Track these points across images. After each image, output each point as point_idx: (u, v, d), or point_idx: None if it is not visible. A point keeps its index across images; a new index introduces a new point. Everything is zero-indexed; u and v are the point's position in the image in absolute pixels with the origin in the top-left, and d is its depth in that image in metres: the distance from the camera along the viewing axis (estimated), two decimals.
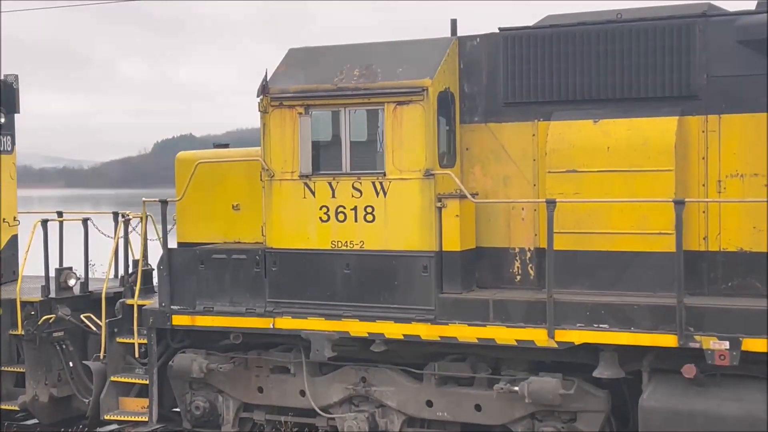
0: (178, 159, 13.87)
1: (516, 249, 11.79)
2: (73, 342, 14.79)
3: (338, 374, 12.47)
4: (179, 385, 13.40)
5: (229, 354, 13.06)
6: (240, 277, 12.49)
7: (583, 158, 11.12)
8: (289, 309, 12.18)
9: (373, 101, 11.68)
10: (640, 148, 10.87)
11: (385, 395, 12.20)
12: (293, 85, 12.07)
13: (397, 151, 11.56)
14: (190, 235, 13.65)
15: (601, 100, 11.23)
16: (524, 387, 11.18)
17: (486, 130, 11.86)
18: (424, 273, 11.49)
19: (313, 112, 12.01)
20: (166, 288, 12.87)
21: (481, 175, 11.90)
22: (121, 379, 13.63)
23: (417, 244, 11.52)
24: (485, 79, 11.83)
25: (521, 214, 11.74)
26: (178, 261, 12.86)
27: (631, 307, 10.58)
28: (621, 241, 10.99)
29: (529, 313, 11.05)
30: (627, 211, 10.91)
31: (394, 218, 11.60)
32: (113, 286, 15.45)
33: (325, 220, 11.95)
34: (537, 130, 11.59)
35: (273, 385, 12.83)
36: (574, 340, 10.83)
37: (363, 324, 11.81)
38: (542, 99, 11.51)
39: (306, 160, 11.96)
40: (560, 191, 11.17)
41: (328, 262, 11.96)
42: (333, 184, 11.89)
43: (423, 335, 11.56)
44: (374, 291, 11.74)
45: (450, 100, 11.79)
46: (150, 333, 13.13)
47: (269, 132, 12.19)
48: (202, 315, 12.71)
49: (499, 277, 11.87)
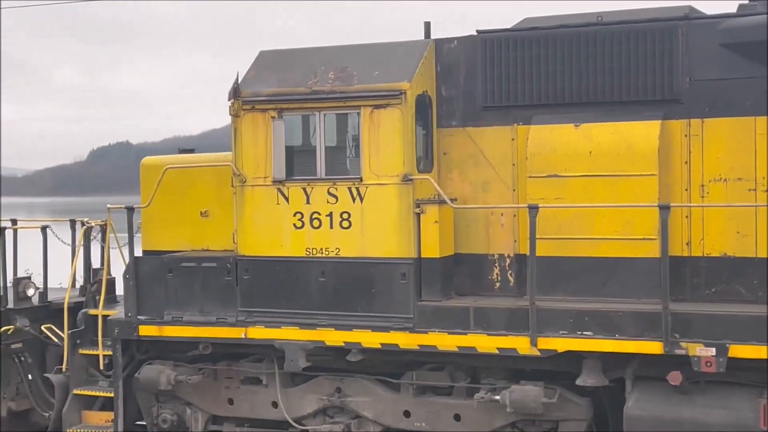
0: (144, 165, 13.48)
1: (495, 255, 11.59)
2: (31, 354, 14.32)
3: (312, 385, 12.16)
4: (145, 398, 13.01)
5: (197, 365, 12.70)
6: (210, 286, 12.14)
7: (564, 163, 10.95)
8: (262, 318, 11.86)
9: (349, 105, 11.42)
10: (624, 152, 10.73)
11: (361, 406, 11.92)
12: (266, 88, 11.77)
13: (374, 155, 11.30)
14: (156, 243, 13.25)
15: (582, 103, 11.07)
16: (506, 396, 10.97)
17: (464, 134, 11.65)
18: (402, 280, 11.24)
19: (287, 116, 11.71)
20: (133, 297, 12.47)
21: (459, 180, 11.69)
22: (85, 392, 13.19)
23: (395, 251, 11.27)
24: (463, 82, 11.62)
25: (500, 220, 11.54)
26: (145, 269, 12.47)
27: (616, 314, 10.42)
28: (604, 247, 10.82)
29: (511, 321, 10.84)
30: (610, 216, 10.76)
31: (371, 224, 11.34)
32: (73, 296, 15.03)
33: (299, 226, 11.65)
34: (517, 135, 11.40)
35: (244, 396, 12.49)
36: (557, 348, 10.65)
37: (339, 333, 11.53)
38: (522, 103, 11.32)
39: (279, 166, 11.65)
40: (541, 196, 10.99)
41: (302, 269, 11.66)
42: (307, 190, 11.60)
43: (401, 344, 11.30)
44: (351, 299, 11.46)
45: (427, 104, 11.57)
46: (115, 344, 12.72)
47: (241, 137, 11.87)
48: (170, 325, 12.33)
49: (478, 284, 11.65)
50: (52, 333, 13.91)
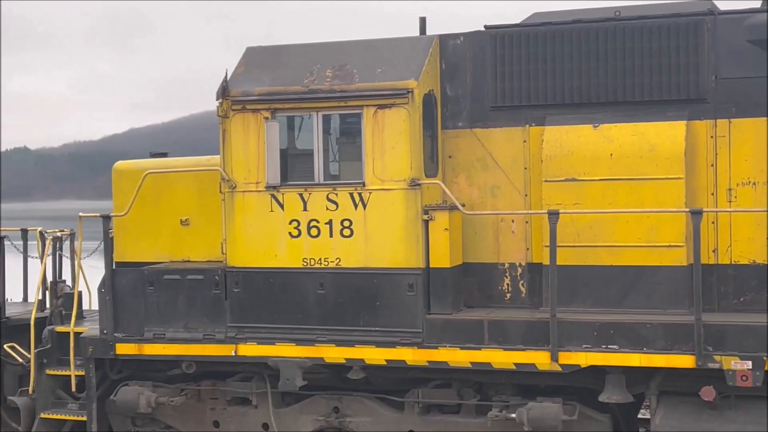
0: (116, 170, 12.52)
1: (506, 264, 10.92)
2: None
3: (307, 404, 11.35)
4: (120, 422, 12.06)
5: (178, 385, 11.79)
6: (196, 300, 11.26)
7: (583, 166, 10.33)
8: (254, 334, 11.02)
9: (350, 104, 10.65)
10: (647, 154, 10.14)
11: (361, 426, 11.15)
12: (257, 87, 10.94)
13: (378, 159, 10.55)
14: (130, 254, 12.31)
15: (600, 103, 10.47)
16: (523, 414, 10.31)
17: (471, 136, 10.97)
18: (409, 292, 10.51)
19: (281, 116, 10.91)
20: (109, 313, 11.54)
21: (466, 185, 11.00)
22: (53, 415, 12.19)
23: (401, 261, 10.53)
24: (470, 80, 10.94)
25: (511, 227, 10.88)
26: (123, 283, 11.54)
27: (644, 326, 9.82)
28: (627, 255, 10.22)
29: (529, 334, 10.18)
30: (633, 222, 10.16)
31: (375, 233, 10.58)
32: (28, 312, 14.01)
33: (295, 235, 10.84)
34: (529, 136, 10.76)
35: (231, 418, 11.62)
36: (580, 363, 10.01)
37: (340, 349, 10.75)
38: (535, 102, 10.69)
39: (273, 170, 10.84)
40: (558, 202, 10.35)
41: (299, 281, 10.85)
42: (305, 196, 10.79)
43: (409, 360, 10.56)
44: (352, 313, 10.69)
45: (433, 104, 10.86)
46: (88, 364, 11.75)
47: (230, 139, 11.02)
48: (151, 343, 11.42)
49: (487, 296, 10.98)
50: (15, 352, 12.84)
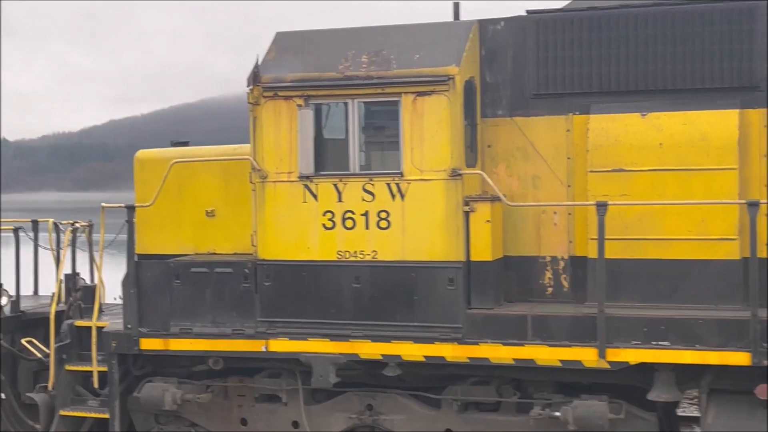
0: (138, 159, 12.11)
1: (547, 258, 10.55)
2: (3, 371, 12.81)
3: (339, 402, 10.97)
4: (143, 419, 11.67)
5: (204, 382, 11.40)
6: (225, 294, 10.86)
7: (630, 156, 9.96)
8: (286, 329, 10.63)
9: (388, 91, 10.26)
10: (698, 144, 9.78)
11: (396, 424, 10.78)
12: (290, 73, 10.54)
13: (416, 148, 10.17)
14: (153, 246, 11.89)
15: (648, 91, 10.11)
16: (568, 412, 9.96)
17: (512, 124, 10.60)
18: (449, 286, 10.13)
19: (315, 104, 10.51)
20: (134, 307, 11.13)
21: (506, 175, 10.63)
22: (73, 413, 11.78)
23: (441, 254, 10.15)
24: (511, 67, 10.57)
25: (553, 219, 10.51)
26: (148, 276, 11.13)
27: (696, 322, 9.47)
28: (676, 248, 9.86)
29: (575, 330, 9.82)
30: (683, 214, 9.80)
31: (413, 224, 10.20)
32: (43, 305, 13.60)
33: (329, 227, 10.46)
34: (572, 125, 10.38)
35: (259, 416, 11.24)
36: (629, 360, 9.66)
37: (376, 345, 10.37)
38: (579, 90, 10.32)
39: (307, 159, 10.44)
40: (604, 193, 9.98)
41: (333, 275, 10.47)
42: (339, 187, 10.41)
43: (448, 356, 10.19)
44: (389, 307, 10.31)
45: (473, 91, 10.48)
46: (111, 359, 11.34)
47: (261, 127, 10.63)
48: (177, 338, 11.02)
49: (527, 290, 10.61)
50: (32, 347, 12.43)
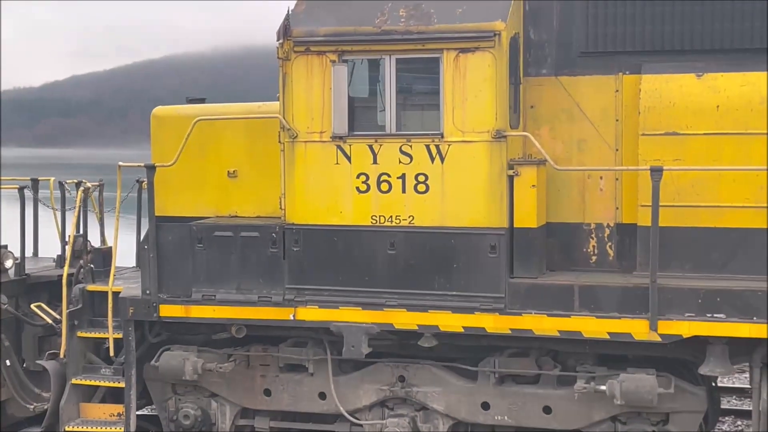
0: (156, 116, 11.48)
1: (592, 225, 10.08)
2: (6, 336, 12.24)
3: (370, 372, 10.50)
4: (159, 389, 11.16)
5: (226, 350, 10.89)
6: (251, 259, 10.32)
7: (686, 119, 9.47)
8: (316, 297, 10.13)
9: (428, 47, 9.70)
10: (758, 107, 9.30)
11: (430, 397, 10.33)
12: (322, 27, 9.95)
13: (458, 108, 9.63)
14: (171, 208, 11.31)
15: (704, 50, 9.62)
16: (615, 386, 9.52)
17: (556, 84, 10.07)
18: (491, 254, 9.64)
19: (350, 59, 9.94)
20: (153, 272, 10.57)
21: (550, 137, 10.11)
22: (86, 381, 11.23)
23: (483, 220, 9.65)
24: (556, 24, 10.03)
25: (599, 184, 10.03)
26: (169, 239, 10.57)
27: (754, 294, 9.04)
28: (732, 217, 9.41)
29: (625, 301, 9.37)
30: (740, 181, 9.34)
31: (453, 188, 9.69)
32: (48, 268, 13.06)
33: (363, 190, 9.92)
34: (622, 85, 9.88)
35: (284, 386, 10.74)
36: (682, 333, 9.22)
37: (411, 314, 9.88)
38: (630, 48, 9.81)
39: (341, 119, 9.88)
40: (657, 157, 9.49)
41: (367, 240, 9.95)
42: (375, 148, 9.86)
43: (489, 327, 9.72)
44: (426, 275, 9.81)
45: (517, 49, 9.94)
46: (128, 326, 10.81)
47: (291, 84, 10.05)
48: (199, 305, 10.49)
49: (570, 258, 10.15)
50: (42, 312, 11.87)
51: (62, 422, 11.13)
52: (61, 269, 11.98)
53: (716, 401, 10.49)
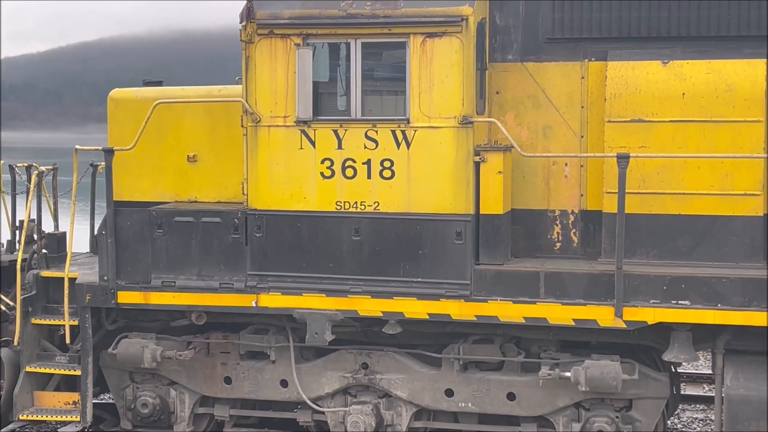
0: (113, 98, 11.26)
1: (556, 212, 10.07)
2: None
3: (332, 360, 10.40)
4: (117, 377, 10.98)
5: (185, 338, 10.73)
6: (212, 245, 10.17)
7: (651, 106, 9.49)
8: (278, 283, 10.00)
9: (394, 32, 9.60)
10: (723, 95, 9.35)
11: (393, 384, 10.26)
12: (287, 9, 9.81)
13: (425, 93, 9.55)
14: (128, 193, 11.12)
15: (670, 37, 9.63)
16: (579, 373, 9.53)
17: (522, 70, 10.03)
18: (457, 240, 9.59)
19: (315, 43, 9.81)
20: (111, 258, 10.37)
21: (515, 124, 10.08)
22: (41, 369, 11.00)
23: (449, 206, 9.59)
24: (523, 9, 9.99)
25: (564, 171, 10.02)
26: (127, 225, 10.37)
27: (720, 281, 9.09)
28: (697, 204, 9.46)
29: (591, 288, 9.37)
30: (705, 168, 9.39)
31: (419, 175, 9.61)
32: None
33: (328, 176, 9.81)
34: (587, 72, 9.87)
35: (246, 374, 10.61)
36: (647, 320, 9.25)
37: (376, 301, 9.80)
38: (596, 35, 9.80)
39: (305, 103, 9.75)
40: (622, 144, 9.51)
41: (331, 227, 9.84)
42: (339, 133, 9.76)
43: (454, 314, 9.68)
44: (391, 262, 9.74)
45: (484, 35, 9.88)
46: (84, 313, 10.59)
47: (255, 67, 9.90)
48: (159, 291, 10.31)
49: (534, 245, 10.14)
50: None
51: (16, 411, 10.91)
52: (12, 255, 11.71)
53: (677, 388, 10.53)
